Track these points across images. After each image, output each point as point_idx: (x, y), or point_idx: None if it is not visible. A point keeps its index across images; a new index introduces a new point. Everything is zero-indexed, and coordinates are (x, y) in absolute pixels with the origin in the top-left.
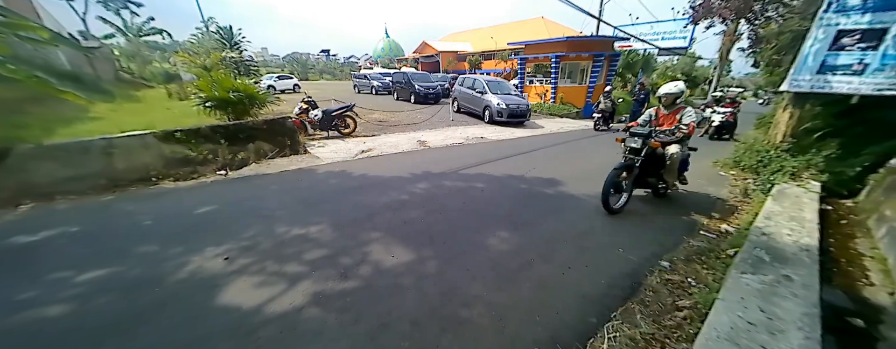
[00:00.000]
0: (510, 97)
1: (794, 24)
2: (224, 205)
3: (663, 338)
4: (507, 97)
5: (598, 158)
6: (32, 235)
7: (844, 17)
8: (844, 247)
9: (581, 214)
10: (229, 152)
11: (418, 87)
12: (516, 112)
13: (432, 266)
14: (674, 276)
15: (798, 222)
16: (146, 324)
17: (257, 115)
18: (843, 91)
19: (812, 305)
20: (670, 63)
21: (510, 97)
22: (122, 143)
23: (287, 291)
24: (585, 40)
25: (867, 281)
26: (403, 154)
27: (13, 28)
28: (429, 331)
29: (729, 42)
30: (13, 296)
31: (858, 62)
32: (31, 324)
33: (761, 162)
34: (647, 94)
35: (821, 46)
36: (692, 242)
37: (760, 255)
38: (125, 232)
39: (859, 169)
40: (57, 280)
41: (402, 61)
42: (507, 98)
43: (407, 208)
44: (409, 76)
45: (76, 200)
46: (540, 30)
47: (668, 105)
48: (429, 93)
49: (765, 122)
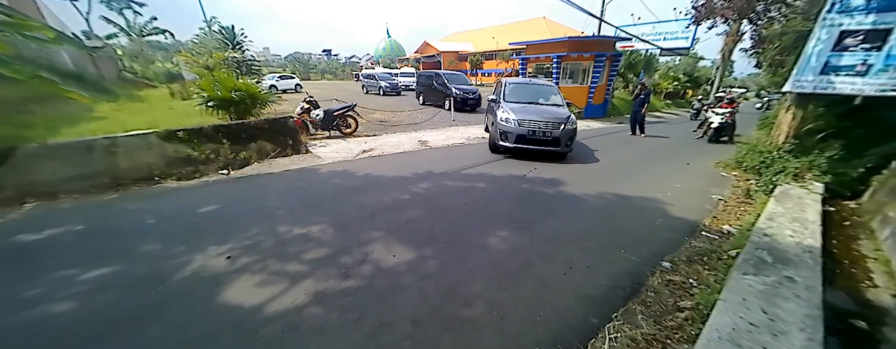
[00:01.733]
0: (464, 87)
1: (797, 24)
2: (226, 205)
3: (664, 338)
4: (462, 87)
5: (597, 158)
6: (37, 234)
7: (848, 17)
8: (847, 248)
9: (582, 214)
10: (231, 152)
11: (455, 90)
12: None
13: (433, 265)
14: (675, 277)
15: (801, 223)
16: (149, 322)
17: (259, 114)
18: (847, 92)
19: (814, 307)
20: (672, 64)
21: (464, 87)
22: (125, 142)
23: (289, 290)
24: (587, 40)
25: (870, 283)
26: (405, 154)
27: (18, 28)
28: (430, 330)
29: (731, 42)
30: (19, 294)
31: (862, 63)
32: (36, 321)
33: (764, 163)
34: (647, 95)
35: (824, 47)
36: (694, 243)
37: (762, 256)
38: (128, 230)
39: (862, 170)
40: (61, 278)
41: (404, 61)
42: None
43: (408, 208)
44: (445, 77)
45: (80, 199)
46: (542, 30)
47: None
48: (468, 98)
49: (767, 122)
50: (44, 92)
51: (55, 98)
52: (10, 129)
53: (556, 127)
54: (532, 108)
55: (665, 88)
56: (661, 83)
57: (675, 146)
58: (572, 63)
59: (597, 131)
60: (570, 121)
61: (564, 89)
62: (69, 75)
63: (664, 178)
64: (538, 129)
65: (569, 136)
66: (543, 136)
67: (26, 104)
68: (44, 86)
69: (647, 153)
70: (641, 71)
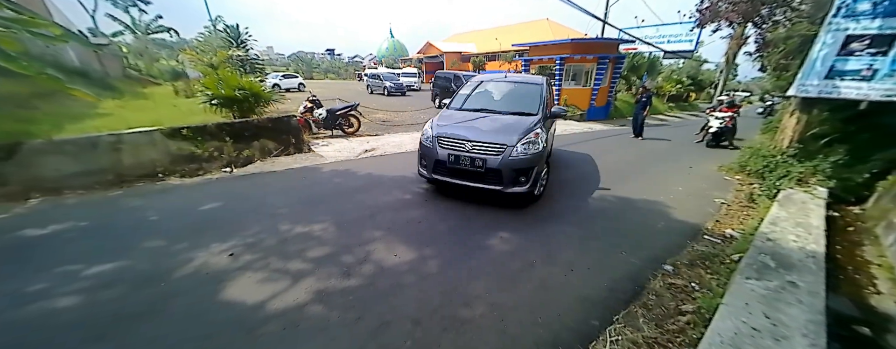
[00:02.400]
0: (396, 80)
1: (803, 28)
2: (229, 202)
3: (666, 342)
4: (394, 79)
5: (599, 160)
6: (41, 229)
7: (854, 21)
8: (851, 254)
9: (583, 216)
10: (234, 150)
11: None
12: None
13: (434, 265)
14: (677, 280)
15: (804, 228)
16: (152, 319)
17: (262, 113)
18: (852, 96)
19: (817, 312)
20: (676, 66)
21: (396, 80)
22: (129, 139)
23: (290, 288)
24: (590, 42)
25: (874, 289)
26: (407, 154)
27: (26, 25)
28: (430, 330)
29: (736, 46)
30: (24, 288)
31: (867, 67)
32: (40, 315)
33: (767, 167)
34: (649, 97)
35: (829, 51)
36: (696, 247)
37: (766, 261)
38: (132, 227)
39: (867, 175)
40: (66, 273)
41: (407, 61)
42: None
43: (409, 207)
44: (464, 78)
45: (84, 195)
46: (545, 31)
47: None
48: None
49: (771, 126)
50: (49, 88)
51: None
52: (16, 124)
53: (496, 151)
54: (479, 120)
55: (668, 91)
56: (664, 86)
57: (678, 149)
58: (575, 65)
59: (599, 133)
60: (529, 143)
61: (567, 91)
62: (74, 72)
63: (666, 181)
64: (463, 154)
65: (524, 166)
66: (471, 164)
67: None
68: (49, 82)
69: (649, 156)
70: (644, 74)
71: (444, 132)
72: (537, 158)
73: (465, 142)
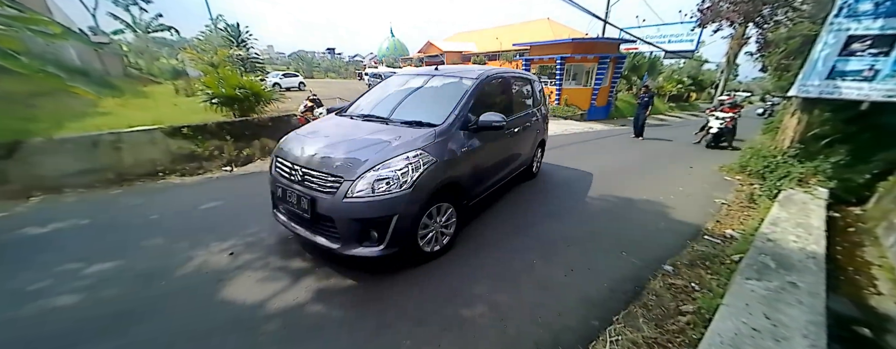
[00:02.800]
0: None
1: (804, 28)
2: (229, 201)
3: (666, 342)
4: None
5: (600, 160)
6: (43, 227)
7: (855, 22)
8: (852, 255)
9: (584, 216)
10: (235, 148)
11: None
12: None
13: (434, 264)
14: (677, 281)
15: (805, 229)
16: (152, 317)
17: (263, 112)
18: (853, 97)
19: (818, 313)
20: (676, 66)
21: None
22: (129, 137)
23: (290, 287)
24: (590, 42)
25: (874, 290)
26: None
27: (26, 22)
28: (430, 329)
29: (737, 46)
30: (24, 286)
31: (869, 68)
32: (40, 313)
33: (768, 167)
34: (650, 97)
35: (830, 51)
36: (696, 247)
37: (766, 262)
38: (132, 225)
39: (868, 176)
40: (66, 271)
41: (407, 61)
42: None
43: None
44: None
45: (84, 193)
46: (545, 31)
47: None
48: None
49: (772, 127)
50: (50, 87)
51: (61, 93)
52: (17, 122)
53: (330, 187)
54: (341, 133)
55: (669, 91)
56: (664, 86)
57: (679, 149)
58: (576, 64)
59: (599, 133)
60: (385, 180)
61: (568, 91)
62: (75, 71)
63: (667, 182)
64: (291, 187)
65: (371, 215)
66: (297, 205)
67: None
68: (49, 81)
69: (649, 156)
70: (645, 73)
71: (281, 148)
72: (395, 204)
73: (297, 168)
